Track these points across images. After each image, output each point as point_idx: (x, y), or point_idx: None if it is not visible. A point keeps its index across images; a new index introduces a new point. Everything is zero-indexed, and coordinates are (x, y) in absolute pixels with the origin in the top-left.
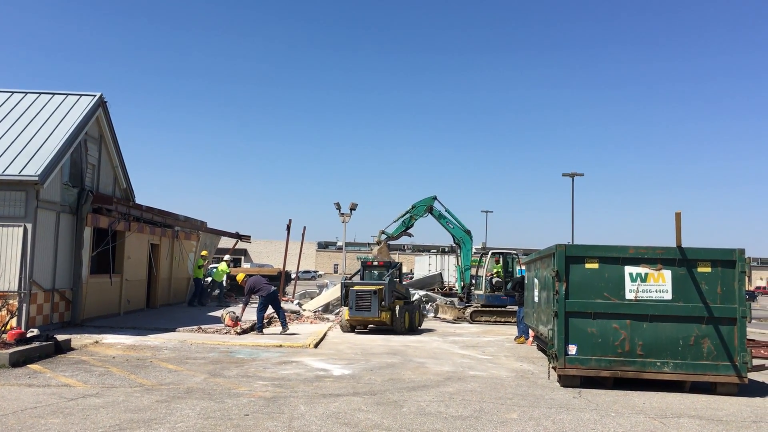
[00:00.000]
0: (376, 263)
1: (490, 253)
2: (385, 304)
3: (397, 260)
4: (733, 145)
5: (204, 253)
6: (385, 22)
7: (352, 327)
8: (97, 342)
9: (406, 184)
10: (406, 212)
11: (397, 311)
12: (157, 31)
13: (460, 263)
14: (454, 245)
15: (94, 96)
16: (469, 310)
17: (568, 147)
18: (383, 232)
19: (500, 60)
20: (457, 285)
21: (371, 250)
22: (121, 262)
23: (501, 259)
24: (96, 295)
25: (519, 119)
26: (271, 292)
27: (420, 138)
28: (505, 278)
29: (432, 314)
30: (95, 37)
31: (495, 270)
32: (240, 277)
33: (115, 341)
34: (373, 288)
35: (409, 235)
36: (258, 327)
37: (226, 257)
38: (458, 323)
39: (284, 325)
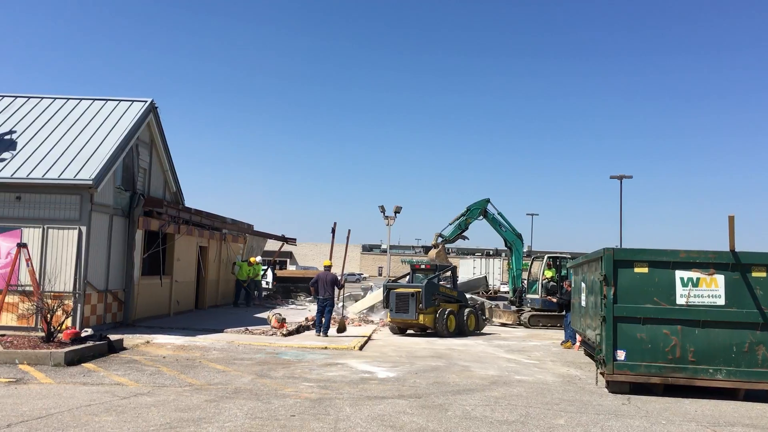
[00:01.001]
0: (423, 266)
1: (545, 257)
2: (423, 306)
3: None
4: None
5: (253, 259)
6: (442, 23)
7: (400, 329)
8: (148, 342)
9: (452, 188)
10: (462, 215)
11: (439, 314)
12: (207, 31)
13: (511, 266)
14: (506, 248)
15: (146, 102)
16: (526, 315)
17: (617, 149)
18: (440, 235)
19: (549, 64)
20: (509, 288)
21: (425, 253)
22: (170, 263)
23: (553, 264)
24: (147, 296)
25: (566, 121)
26: (324, 298)
27: (466, 141)
28: (559, 282)
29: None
30: (144, 42)
31: (549, 274)
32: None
33: (166, 341)
34: (411, 291)
35: (465, 238)
36: (321, 329)
37: (258, 258)
38: (511, 327)
39: (324, 330)
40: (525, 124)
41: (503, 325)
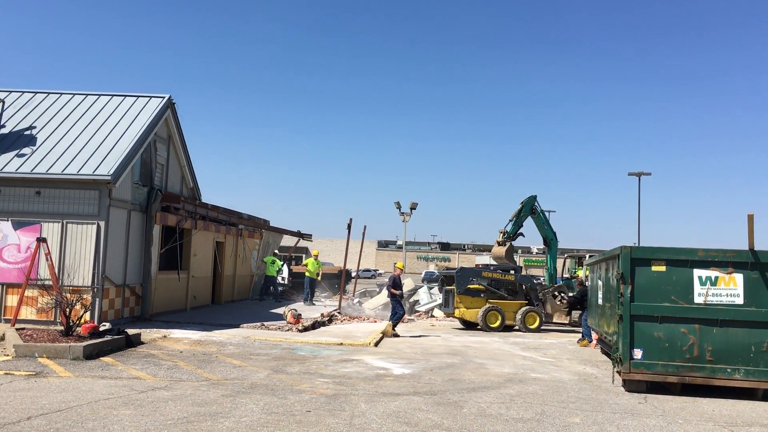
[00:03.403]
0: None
1: (587, 256)
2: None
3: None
4: None
5: (316, 252)
6: (458, 17)
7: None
8: (165, 336)
9: (468, 184)
10: (519, 211)
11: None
12: (223, 28)
13: (548, 265)
14: (544, 246)
15: (164, 98)
16: (576, 314)
17: (637, 145)
18: (504, 233)
19: (567, 59)
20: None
21: (441, 249)
22: (187, 259)
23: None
24: (164, 291)
25: (584, 116)
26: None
27: (482, 136)
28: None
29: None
30: (164, 35)
31: (581, 273)
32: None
33: (183, 336)
34: (448, 288)
35: (522, 235)
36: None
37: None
38: (565, 326)
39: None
40: (541, 119)
41: (557, 324)
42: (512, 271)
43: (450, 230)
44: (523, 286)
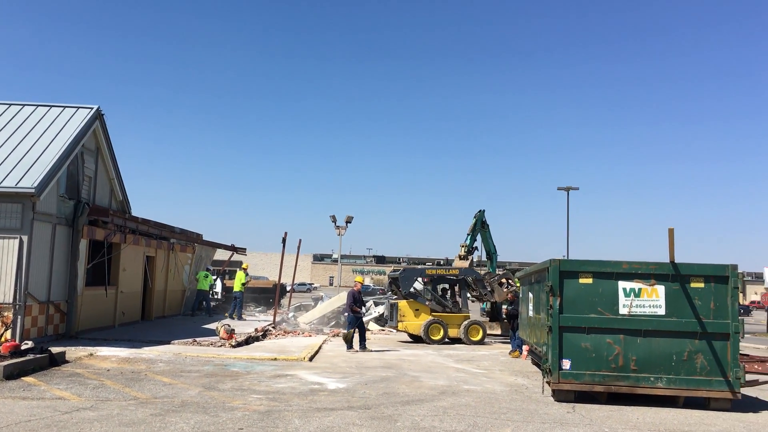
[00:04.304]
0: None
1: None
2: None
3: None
4: (728, 161)
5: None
6: (382, 33)
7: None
8: (91, 354)
9: (403, 198)
10: (474, 225)
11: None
12: (152, 42)
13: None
14: (486, 259)
15: (92, 108)
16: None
17: (564, 160)
18: (465, 246)
19: (496, 72)
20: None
21: (377, 263)
22: (116, 274)
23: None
24: (91, 308)
25: (514, 131)
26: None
27: (416, 150)
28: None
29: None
30: (92, 50)
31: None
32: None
33: (110, 354)
34: (392, 302)
35: (476, 248)
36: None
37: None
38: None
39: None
40: (474, 134)
41: (494, 336)
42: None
43: (385, 243)
44: (468, 279)
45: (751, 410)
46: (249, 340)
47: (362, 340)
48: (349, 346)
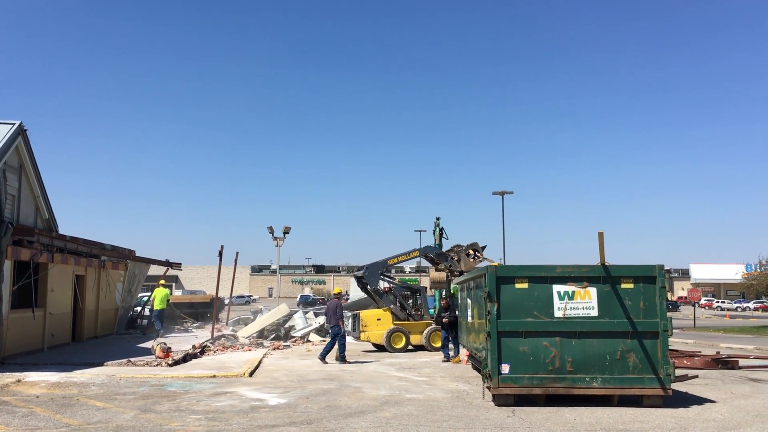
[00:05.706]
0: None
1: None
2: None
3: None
4: (645, 164)
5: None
6: (312, 44)
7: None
8: (19, 381)
9: (339, 206)
10: (440, 232)
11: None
12: (73, 52)
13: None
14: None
15: (14, 124)
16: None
17: (499, 165)
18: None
19: (429, 76)
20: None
21: (316, 272)
22: (44, 295)
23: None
24: (18, 331)
25: (449, 136)
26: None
27: (350, 158)
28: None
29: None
30: (10, 62)
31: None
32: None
33: (39, 379)
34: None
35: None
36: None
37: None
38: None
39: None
40: (408, 138)
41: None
42: (418, 259)
43: (324, 252)
44: (430, 256)
45: (682, 405)
46: (186, 358)
47: (341, 350)
48: (342, 359)
